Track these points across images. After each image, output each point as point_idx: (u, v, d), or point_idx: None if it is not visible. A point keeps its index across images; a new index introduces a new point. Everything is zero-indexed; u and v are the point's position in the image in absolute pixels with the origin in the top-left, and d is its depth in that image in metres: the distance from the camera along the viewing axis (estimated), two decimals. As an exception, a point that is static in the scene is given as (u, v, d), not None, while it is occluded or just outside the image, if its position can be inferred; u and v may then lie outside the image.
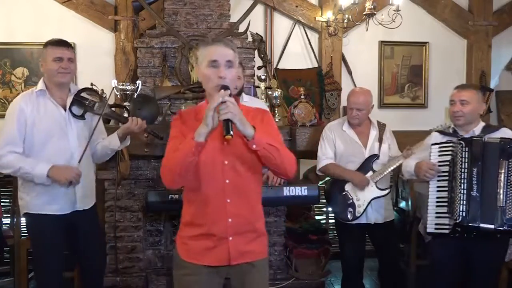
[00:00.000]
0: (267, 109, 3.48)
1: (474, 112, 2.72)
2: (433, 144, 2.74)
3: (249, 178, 1.96)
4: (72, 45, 4.05)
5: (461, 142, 2.58)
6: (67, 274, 3.67)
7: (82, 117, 2.66)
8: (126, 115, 2.98)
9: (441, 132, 2.84)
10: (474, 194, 2.51)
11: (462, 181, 2.54)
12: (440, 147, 2.70)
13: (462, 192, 2.53)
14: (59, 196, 2.60)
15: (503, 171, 2.51)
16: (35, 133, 2.55)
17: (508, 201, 2.49)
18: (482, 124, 2.78)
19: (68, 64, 2.59)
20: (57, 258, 2.65)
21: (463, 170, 2.55)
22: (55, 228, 2.60)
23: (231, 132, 1.75)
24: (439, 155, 2.68)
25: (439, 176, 2.66)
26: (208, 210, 1.92)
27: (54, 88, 2.64)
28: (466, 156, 2.55)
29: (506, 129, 2.76)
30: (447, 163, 2.64)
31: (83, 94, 2.70)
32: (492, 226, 2.49)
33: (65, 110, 2.64)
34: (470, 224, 2.50)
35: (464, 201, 2.51)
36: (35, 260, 2.74)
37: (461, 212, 2.51)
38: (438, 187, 2.67)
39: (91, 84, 2.88)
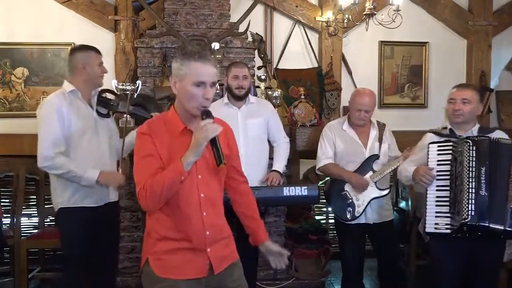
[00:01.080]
0: (273, 108, 3.49)
1: (473, 112, 2.71)
2: (431, 143, 2.70)
3: (217, 187, 2.00)
4: (72, 45, 4.07)
5: (468, 140, 2.54)
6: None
7: (107, 115, 2.90)
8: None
9: (436, 133, 2.82)
10: (483, 194, 2.46)
11: (471, 180, 2.48)
12: (439, 146, 2.66)
13: (470, 191, 2.48)
14: (94, 190, 2.73)
15: None
16: (71, 131, 2.68)
17: None
18: (477, 125, 2.77)
19: (104, 68, 2.86)
20: (88, 251, 2.74)
21: (471, 169, 2.50)
22: (89, 222, 2.72)
23: (224, 161, 1.81)
24: (438, 154, 2.64)
25: (438, 175, 2.62)
26: (187, 224, 1.90)
27: (87, 89, 2.80)
28: (474, 155, 2.50)
29: (500, 131, 2.76)
30: (448, 162, 2.60)
31: (105, 95, 2.92)
32: (501, 227, 2.44)
33: (93, 109, 2.81)
34: (479, 224, 2.44)
35: (473, 200, 2.46)
36: (65, 253, 2.83)
37: (470, 211, 2.44)
38: (437, 186, 2.62)
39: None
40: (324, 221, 4.73)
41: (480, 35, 4.90)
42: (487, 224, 2.44)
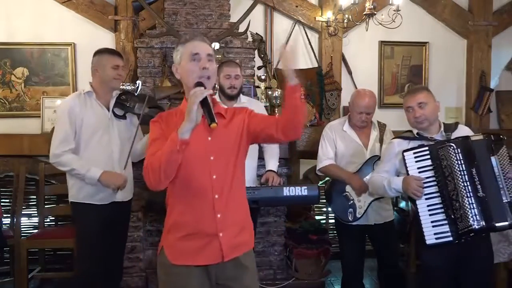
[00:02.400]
0: (264, 108, 3.48)
1: (434, 112, 2.64)
2: (405, 151, 2.58)
3: (234, 171, 1.96)
4: (72, 45, 4.07)
5: (451, 144, 2.47)
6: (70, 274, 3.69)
7: (123, 117, 2.97)
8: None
9: (404, 137, 2.73)
10: (481, 195, 2.42)
11: (465, 184, 2.43)
12: (415, 153, 2.55)
13: (468, 195, 2.42)
14: (101, 188, 2.83)
15: (495, 166, 2.45)
16: (83, 130, 2.82)
17: (511, 195, 2.43)
18: (441, 123, 2.71)
19: (122, 71, 2.94)
20: (100, 245, 2.83)
21: (462, 173, 2.44)
22: (98, 217, 2.84)
23: (216, 120, 1.76)
24: (416, 161, 2.53)
25: (425, 183, 2.50)
26: (197, 207, 1.90)
27: (103, 91, 2.91)
28: (461, 157, 2.45)
29: (462, 125, 2.75)
30: (430, 167, 2.51)
31: (123, 97, 2.98)
32: (506, 223, 2.41)
33: (109, 111, 2.91)
34: (487, 226, 2.40)
35: (473, 204, 2.40)
36: (78, 247, 2.94)
37: (474, 216, 2.39)
38: (426, 194, 2.51)
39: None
40: (324, 221, 4.73)
41: (480, 35, 4.90)
42: (493, 224, 2.40)
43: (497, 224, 2.41)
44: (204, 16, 3.90)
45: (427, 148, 2.53)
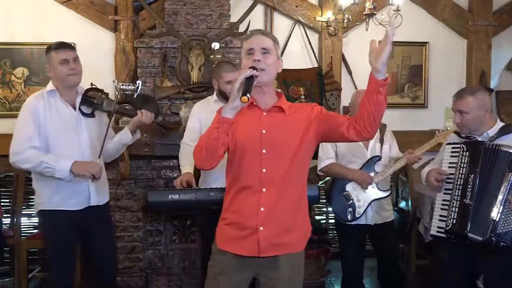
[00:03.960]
0: None
1: (476, 120, 2.51)
2: (447, 143, 2.65)
3: (290, 167, 1.90)
4: (72, 45, 4.06)
5: (463, 146, 2.48)
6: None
7: (92, 115, 2.77)
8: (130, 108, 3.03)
9: (457, 133, 2.69)
10: (467, 202, 2.42)
11: (457, 187, 2.47)
12: (453, 147, 2.57)
13: (455, 198, 2.47)
14: (75, 191, 2.67)
15: (506, 184, 2.35)
16: (48, 131, 2.63)
17: (503, 216, 2.34)
18: (499, 124, 2.55)
19: (74, 64, 2.68)
20: (70, 255, 2.73)
21: (460, 176, 2.47)
22: (70, 225, 2.67)
23: (248, 95, 1.75)
24: (451, 156, 2.57)
25: (448, 178, 2.55)
26: (243, 197, 1.91)
27: (64, 89, 2.71)
28: (466, 161, 2.46)
29: None
30: (454, 165, 2.54)
31: (91, 93, 2.79)
32: (480, 238, 2.36)
33: (75, 109, 2.72)
34: (458, 232, 2.43)
35: (456, 208, 2.45)
36: (49, 257, 2.80)
37: (452, 219, 2.45)
38: (445, 189, 2.57)
39: (91, 84, 2.89)
40: (324, 221, 4.73)
41: (480, 35, 4.90)
42: (465, 233, 2.40)
43: (469, 234, 2.39)
44: (204, 16, 3.89)
45: (458, 146, 2.55)
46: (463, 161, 2.47)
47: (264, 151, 1.90)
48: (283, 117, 1.94)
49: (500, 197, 2.36)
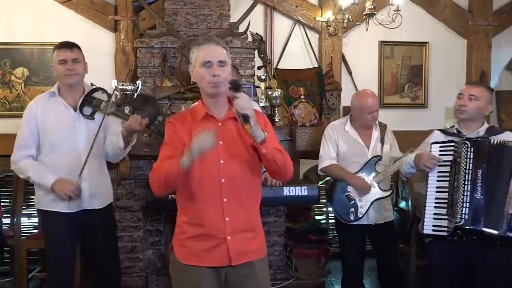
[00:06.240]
0: (261, 110, 3.48)
1: (479, 110, 2.61)
2: (433, 143, 2.64)
3: (245, 176, 1.96)
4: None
5: (466, 142, 2.49)
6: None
7: (91, 117, 2.71)
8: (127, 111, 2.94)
9: (443, 131, 2.75)
10: (478, 197, 2.42)
11: (466, 183, 2.45)
12: (441, 146, 2.60)
13: (465, 194, 2.44)
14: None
15: None
16: (46, 133, 2.65)
17: None
18: (486, 125, 2.68)
19: (72, 65, 2.66)
20: (67, 254, 2.73)
21: (467, 171, 2.46)
22: (63, 227, 2.67)
23: (251, 122, 1.81)
24: (440, 155, 2.59)
25: (439, 177, 2.58)
26: (205, 209, 1.92)
27: (65, 89, 2.72)
28: (471, 156, 2.46)
29: (510, 132, 2.67)
30: (448, 163, 2.55)
31: (94, 95, 2.73)
32: (495, 232, 2.39)
33: (75, 110, 2.70)
34: (472, 227, 2.41)
35: (467, 203, 2.43)
36: (46, 254, 2.85)
37: (463, 215, 2.42)
38: (437, 187, 2.58)
39: (91, 84, 2.88)
40: (324, 221, 4.73)
41: (480, 35, 4.89)
42: (480, 228, 2.40)
43: (484, 229, 2.40)
44: (204, 16, 3.89)
45: (452, 144, 2.56)
46: (468, 156, 2.47)
47: (221, 161, 1.93)
48: (237, 125, 1.95)
49: (511, 189, 2.41)
